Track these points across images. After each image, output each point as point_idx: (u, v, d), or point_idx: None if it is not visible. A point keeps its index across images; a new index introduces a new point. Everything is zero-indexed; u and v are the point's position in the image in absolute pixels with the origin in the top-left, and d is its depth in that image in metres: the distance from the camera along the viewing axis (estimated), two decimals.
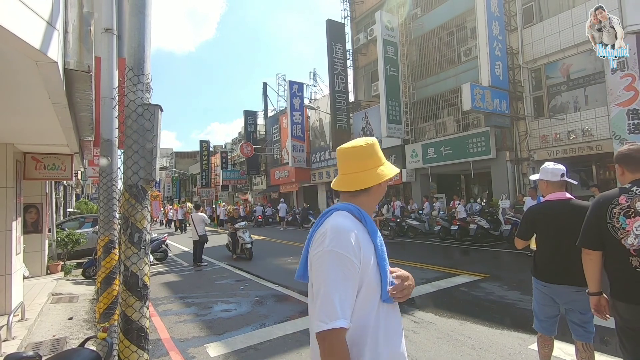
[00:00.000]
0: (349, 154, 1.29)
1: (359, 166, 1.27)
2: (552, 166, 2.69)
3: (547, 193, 2.72)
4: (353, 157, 1.28)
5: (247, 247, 9.92)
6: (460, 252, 10.00)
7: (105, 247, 3.27)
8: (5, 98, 3.27)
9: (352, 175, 1.27)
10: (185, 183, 50.36)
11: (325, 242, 1.11)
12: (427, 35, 16.29)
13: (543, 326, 2.73)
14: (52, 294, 6.53)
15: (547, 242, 2.65)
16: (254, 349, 4.02)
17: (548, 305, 2.67)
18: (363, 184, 1.26)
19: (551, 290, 2.62)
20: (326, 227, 1.15)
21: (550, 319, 2.70)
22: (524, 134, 13.00)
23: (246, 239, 9.94)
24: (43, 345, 4.34)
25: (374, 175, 1.27)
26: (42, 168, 6.43)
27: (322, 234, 1.15)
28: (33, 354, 1.57)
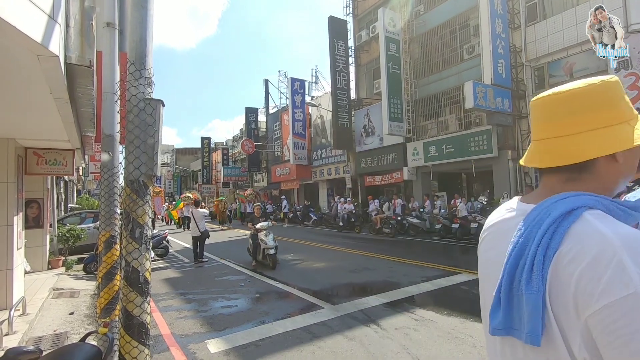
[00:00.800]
0: (566, 100, 0.76)
1: (588, 121, 0.73)
2: None
3: None
4: (576, 107, 0.74)
5: (270, 254, 8.15)
6: (461, 251, 9.99)
7: (107, 242, 3.27)
8: (7, 93, 3.27)
9: (571, 139, 0.74)
10: (186, 179, 50.41)
11: (631, 276, 0.58)
12: (430, 33, 16.21)
13: None
14: (53, 289, 6.55)
15: None
16: (254, 346, 4.03)
17: None
18: (595, 152, 0.72)
19: None
20: (605, 248, 0.61)
21: None
22: (526, 133, 12.95)
23: (269, 242, 8.19)
24: (44, 340, 4.35)
25: (615, 137, 0.72)
26: (44, 163, 6.43)
27: (602, 261, 0.60)
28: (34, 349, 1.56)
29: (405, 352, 3.67)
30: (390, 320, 4.59)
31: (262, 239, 8.29)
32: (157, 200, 18.19)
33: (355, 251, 10.37)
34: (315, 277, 7.29)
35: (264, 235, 8.29)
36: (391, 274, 7.27)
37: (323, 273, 7.68)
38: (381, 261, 8.66)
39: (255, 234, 8.56)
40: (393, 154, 17.29)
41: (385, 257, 9.07)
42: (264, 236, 8.28)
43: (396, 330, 4.24)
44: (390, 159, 17.46)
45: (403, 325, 4.41)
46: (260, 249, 8.43)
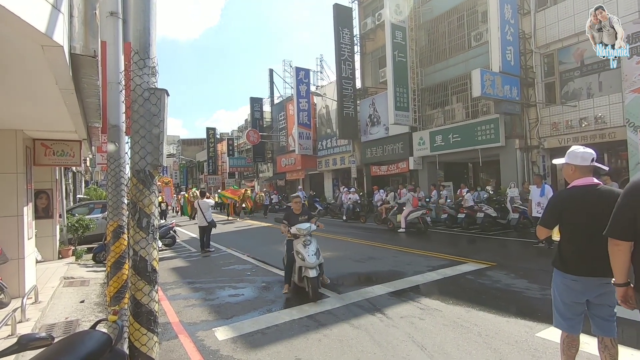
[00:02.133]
0: None
1: None
2: (582, 150, 2.51)
3: (574, 179, 2.54)
4: None
5: (309, 276, 5.23)
6: (467, 241, 9.97)
7: (114, 232, 3.30)
8: (13, 84, 3.28)
9: None
10: (192, 170, 50.70)
11: None
12: (437, 20, 15.90)
13: (570, 324, 2.51)
14: (64, 277, 6.68)
15: (578, 232, 2.45)
16: (261, 333, 4.08)
17: (577, 301, 2.47)
18: None
19: (582, 285, 2.42)
20: None
21: (579, 316, 2.51)
22: (534, 122, 12.76)
23: (309, 258, 5.26)
24: (56, 327, 4.46)
25: None
26: (52, 154, 6.49)
27: None
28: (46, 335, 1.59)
29: (410, 341, 3.70)
30: (395, 309, 4.61)
31: (298, 250, 5.38)
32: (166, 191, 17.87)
33: (361, 241, 10.40)
34: None
35: (301, 245, 5.37)
36: (396, 263, 7.29)
37: (328, 262, 7.71)
38: (386, 251, 8.68)
39: (291, 240, 5.69)
40: (399, 143, 17.17)
41: (390, 247, 9.09)
42: (302, 246, 5.35)
43: (401, 319, 4.27)
44: (396, 149, 17.35)
45: (408, 314, 4.43)
46: (296, 266, 5.51)
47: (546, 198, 8.14)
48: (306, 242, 5.35)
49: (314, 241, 5.43)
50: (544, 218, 2.63)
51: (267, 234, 13.13)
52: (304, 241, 5.36)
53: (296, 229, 5.53)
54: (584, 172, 2.50)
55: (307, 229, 5.46)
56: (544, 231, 2.64)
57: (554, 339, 3.33)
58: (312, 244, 5.36)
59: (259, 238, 12.23)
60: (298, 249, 5.36)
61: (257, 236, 12.81)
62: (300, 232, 5.44)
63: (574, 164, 2.54)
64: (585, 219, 2.42)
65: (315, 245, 5.39)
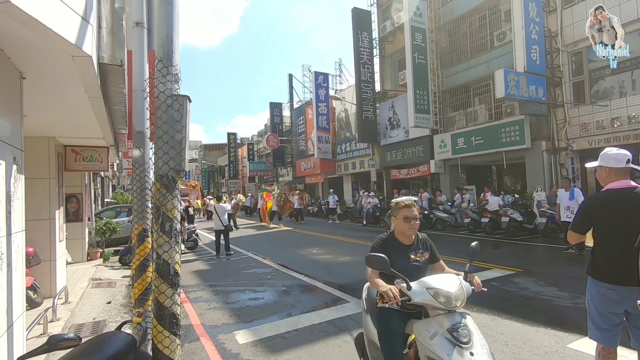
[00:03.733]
0: None
1: None
2: (616, 151, 2.39)
3: (608, 182, 2.42)
4: None
5: None
6: (491, 246, 9.67)
7: (139, 235, 3.39)
8: (47, 93, 3.44)
9: None
10: (213, 175, 51.70)
11: None
12: (458, 20, 15.62)
13: (606, 336, 2.37)
14: (92, 279, 6.92)
15: (612, 238, 2.33)
16: (281, 338, 4.08)
17: (615, 312, 2.33)
18: None
19: (619, 294, 2.29)
20: None
21: (616, 328, 2.36)
22: (562, 122, 12.27)
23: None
24: (84, 327, 4.61)
25: None
26: (81, 160, 6.77)
27: None
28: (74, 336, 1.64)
29: None
30: None
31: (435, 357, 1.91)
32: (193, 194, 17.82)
33: None
34: (340, 270, 7.29)
35: (445, 341, 1.93)
36: None
37: (348, 267, 7.66)
38: None
39: (385, 310, 2.21)
40: (419, 146, 16.91)
41: None
42: (447, 347, 1.90)
43: None
44: (417, 152, 17.09)
45: None
46: None
47: (576, 202, 7.80)
48: (461, 331, 1.96)
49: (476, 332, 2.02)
50: (575, 223, 2.52)
51: (286, 238, 13.19)
52: (453, 328, 1.99)
53: (426, 290, 2.12)
54: (618, 175, 2.37)
55: (461, 294, 2.11)
56: (575, 236, 2.54)
57: (588, 351, 3.15)
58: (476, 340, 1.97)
59: (279, 242, 12.29)
60: (436, 352, 1.93)
61: (277, 240, 12.89)
62: (442, 300, 2.06)
63: (607, 167, 2.41)
64: (621, 225, 2.29)
65: (474, 328, 2.04)
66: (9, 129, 2.49)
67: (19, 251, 2.65)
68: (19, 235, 2.64)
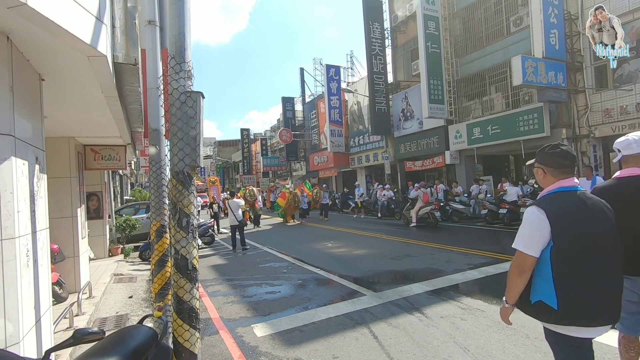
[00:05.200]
0: None
1: None
2: (636, 137, 2.28)
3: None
4: None
5: None
6: (510, 237, 9.44)
7: (157, 231, 3.45)
8: (65, 94, 3.51)
9: None
10: (228, 170, 52.28)
11: None
12: (472, 7, 15.20)
13: (625, 324, 2.32)
14: (114, 274, 7.12)
15: (630, 227, 2.21)
16: (298, 331, 4.11)
17: (631, 300, 2.26)
18: None
19: (632, 284, 2.22)
20: None
21: (634, 316, 2.30)
22: (583, 109, 11.85)
23: None
24: (108, 321, 4.76)
25: None
26: (100, 159, 6.94)
27: None
28: (98, 330, 1.69)
29: (452, 342, 3.56)
30: (435, 309, 4.47)
31: None
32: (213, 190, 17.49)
33: (396, 238, 10.21)
34: (355, 264, 7.29)
35: None
36: (434, 261, 7.07)
37: (363, 260, 7.64)
38: (423, 248, 8.45)
39: None
40: (434, 137, 16.65)
41: (427, 244, 8.84)
42: None
43: (442, 319, 4.12)
44: (431, 143, 16.84)
45: (449, 313, 4.28)
46: None
47: None
48: None
49: None
50: None
51: (301, 232, 13.25)
52: None
53: None
54: (630, 163, 2.29)
55: None
56: None
57: (613, 344, 3.06)
58: None
59: (294, 236, 12.36)
60: None
61: (293, 234, 12.96)
62: None
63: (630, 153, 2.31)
64: (629, 214, 2.21)
65: None
66: (31, 130, 2.56)
67: (44, 248, 2.74)
68: (44, 233, 2.73)
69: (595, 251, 1.79)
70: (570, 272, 1.77)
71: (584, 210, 1.85)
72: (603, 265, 1.79)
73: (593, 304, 1.77)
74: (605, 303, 1.80)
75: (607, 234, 1.84)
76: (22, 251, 2.24)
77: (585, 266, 1.77)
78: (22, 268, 2.21)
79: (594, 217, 1.84)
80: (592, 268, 1.77)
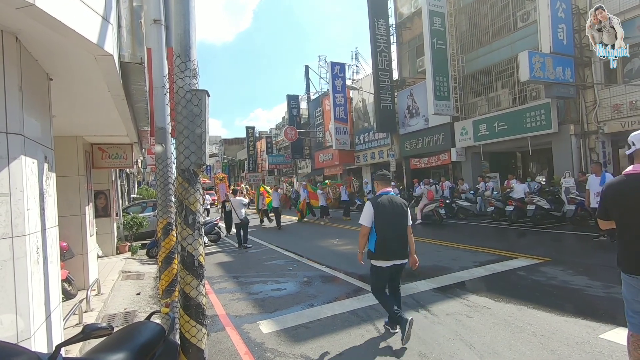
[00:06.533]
0: None
1: None
2: None
3: None
4: None
5: None
6: (516, 235, 9.41)
7: (164, 229, 3.49)
8: (72, 93, 3.56)
9: None
10: (234, 168, 52.48)
11: None
12: (478, 2, 15.05)
13: (633, 323, 2.33)
14: (122, 271, 7.21)
15: (633, 226, 2.23)
16: (304, 327, 4.13)
17: (636, 299, 2.28)
18: None
19: (638, 282, 2.23)
20: None
21: None
22: (592, 104, 11.70)
23: None
24: (117, 317, 4.82)
25: None
26: (107, 157, 7.01)
27: None
28: (106, 325, 1.71)
29: (458, 339, 3.56)
30: (440, 306, 4.46)
31: None
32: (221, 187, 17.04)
33: None
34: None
35: None
36: (440, 258, 7.05)
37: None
38: (429, 245, 8.43)
39: None
40: (439, 134, 16.55)
41: (433, 242, 8.81)
42: None
43: (447, 316, 4.12)
44: (437, 140, 16.74)
45: (454, 311, 4.27)
46: None
47: None
48: None
49: None
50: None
51: (306, 230, 13.28)
52: None
53: None
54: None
55: None
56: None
57: (622, 342, 3.04)
58: None
59: (299, 234, 12.40)
60: None
61: (299, 232, 13.00)
62: None
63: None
64: (635, 211, 2.19)
65: None
66: (40, 129, 2.59)
67: (54, 245, 2.78)
68: (53, 231, 2.77)
69: (392, 222, 3.64)
70: (380, 233, 3.61)
71: (389, 203, 3.68)
72: (395, 230, 3.64)
73: (388, 248, 3.63)
74: (394, 248, 3.64)
75: (398, 215, 3.67)
76: (33, 248, 2.28)
77: (387, 230, 3.61)
78: (32, 265, 2.25)
79: (393, 207, 3.68)
80: (389, 230, 3.62)
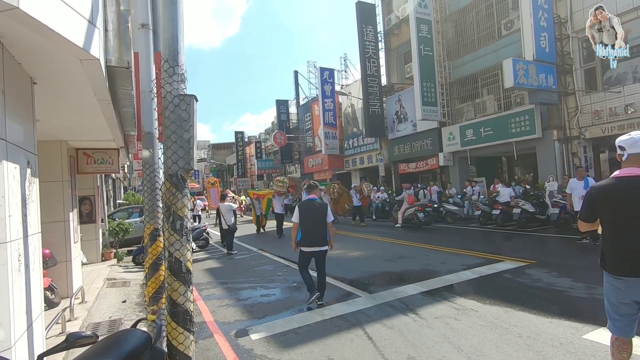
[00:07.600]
0: None
1: None
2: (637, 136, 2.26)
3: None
4: None
5: None
6: (503, 238, 9.57)
7: (151, 235, 3.44)
8: (57, 97, 3.50)
9: None
10: (222, 173, 52.03)
11: None
12: (464, 10, 15.39)
13: (617, 326, 2.33)
14: (107, 279, 7.05)
15: (622, 228, 2.25)
16: (293, 333, 4.11)
17: (624, 302, 2.27)
18: None
19: (628, 285, 2.23)
20: None
21: (627, 318, 2.29)
22: (573, 110, 12.04)
23: None
24: (101, 326, 4.71)
25: None
26: (93, 162, 6.88)
27: None
28: (91, 334, 1.68)
29: (446, 342, 3.59)
30: (429, 309, 4.50)
31: None
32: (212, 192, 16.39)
33: (391, 240, 10.24)
34: (350, 265, 7.30)
35: None
36: (429, 262, 7.11)
37: (358, 262, 7.66)
38: (418, 249, 8.50)
39: None
40: (427, 139, 16.77)
41: (421, 246, 8.89)
42: None
43: (436, 319, 4.15)
44: (425, 145, 16.96)
45: (443, 314, 4.31)
46: None
47: None
48: None
49: None
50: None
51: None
52: None
53: None
54: (633, 162, 2.27)
55: None
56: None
57: (605, 342, 3.11)
58: None
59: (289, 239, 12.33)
60: None
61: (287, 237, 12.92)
62: None
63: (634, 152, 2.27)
64: (625, 213, 2.22)
65: None
66: (22, 134, 2.54)
67: (36, 252, 2.71)
68: (35, 237, 2.71)
69: (311, 219, 4.93)
70: (304, 226, 4.92)
71: (312, 206, 5.00)
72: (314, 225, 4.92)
73: (310, 238, 4.92)
74: (313, 238, 4.91)
75: (317, 214, 4.95)
76: (14, 256, 2.22)
77: (309, 225, 4.91)
78: (13, 273, 2.19)
79: (314, 208, 4.99)
80: (310, 226, 4.91)
